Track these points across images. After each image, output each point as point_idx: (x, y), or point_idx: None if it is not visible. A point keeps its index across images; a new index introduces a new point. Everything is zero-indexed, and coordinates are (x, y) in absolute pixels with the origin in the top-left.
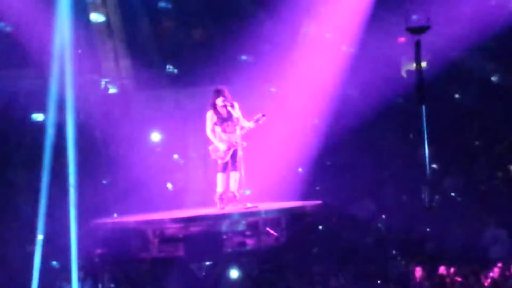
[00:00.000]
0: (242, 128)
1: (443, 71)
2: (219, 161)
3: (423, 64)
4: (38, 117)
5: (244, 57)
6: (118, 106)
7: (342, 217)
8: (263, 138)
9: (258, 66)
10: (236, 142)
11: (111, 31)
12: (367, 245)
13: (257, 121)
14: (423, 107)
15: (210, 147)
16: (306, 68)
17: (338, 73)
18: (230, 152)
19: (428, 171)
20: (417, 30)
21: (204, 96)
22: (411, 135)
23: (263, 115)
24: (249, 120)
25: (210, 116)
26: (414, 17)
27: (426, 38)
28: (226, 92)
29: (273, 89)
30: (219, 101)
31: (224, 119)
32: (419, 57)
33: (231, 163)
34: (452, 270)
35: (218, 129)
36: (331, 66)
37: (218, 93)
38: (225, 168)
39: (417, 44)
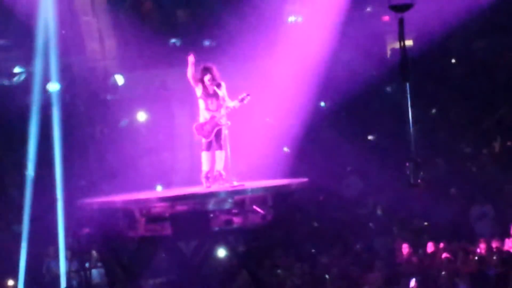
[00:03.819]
0: (226, 107)
1: (429, 49)
2: (203, 140)
3: (409, 42)
4: None
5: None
6: (103, 86)
7: (329, 194)
8: (249, 116)
9: (244, 45)
10: (221, 121)
11: (95, 11)
12: (354, 222)
13: (241, 100)
14: (407, 84)
15: (194, 126)
16: (291, 46)
17: (323, 52)
18: (214, 131)
19: (413, 148)
20: (400, 8)
21: None
22: (397, 113)
23: (248, 95)
24: (233, 100)
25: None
26: None
27: (411, 16)
28: (214, 71)
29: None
30: (206, 79)
31: (209, 95)
32: (402, 34)
33: (216, 142)
34: (441, 246)
35: (202, 105)
36: (316, 44)
37: (206, 71)
38: (209, 147)
39: (401, 22)
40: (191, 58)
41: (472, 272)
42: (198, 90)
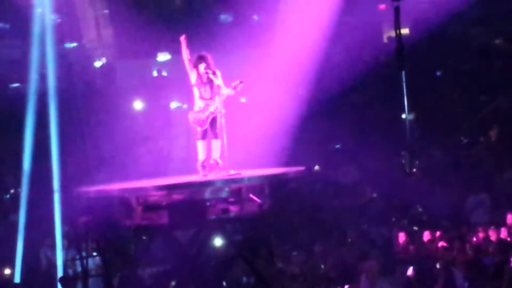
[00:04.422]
0: (221, 95)
1: (426, 37)
2: (198, 129)
3: (405, 30)
4: None
5: (225, 19)
6: (100, 74)
7: (326, 183)
8: (246, 104)
9: (239, 32)
10: (215, 110)
11: None
12: (350, 211)
13: (235, 87)
14: (403, 73)
15: (190, 114)
16: (287, 34)
17: (320, 40)
18: (209, 119)
19: (408, 136)
20: None
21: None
22: (393, 101)
23: (241, 82)
24: (227, 87)
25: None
26: None
27: (408, 5)
28: (209, 59)
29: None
30: (201, 68)
31: (203, 83)
32: (398, 23)
33: (211, 130)
34: (437, 234)
35: (196, 93)
36: (313, 32)
37: (201, 59)
38: (204, 135)
39: (396, 10)
40: (183, 39)
41: (469, 261)
42: (193, 77)
